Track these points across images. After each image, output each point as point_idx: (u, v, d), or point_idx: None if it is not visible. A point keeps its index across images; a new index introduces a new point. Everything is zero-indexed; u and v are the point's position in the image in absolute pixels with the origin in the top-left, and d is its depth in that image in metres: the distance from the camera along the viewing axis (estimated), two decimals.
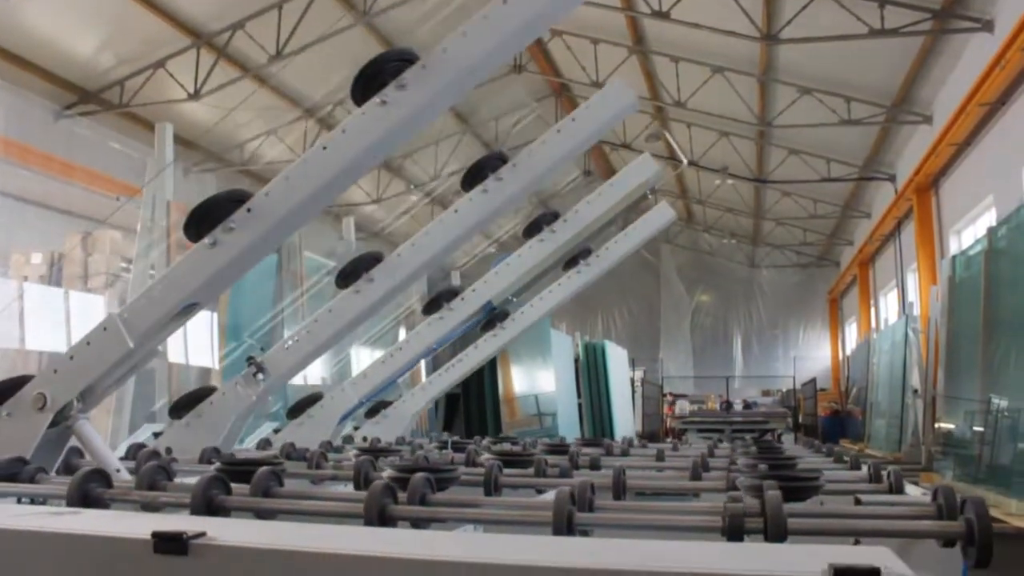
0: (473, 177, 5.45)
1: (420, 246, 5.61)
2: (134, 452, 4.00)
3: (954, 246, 17.16)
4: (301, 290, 6.60)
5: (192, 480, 2.65)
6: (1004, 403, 7.68)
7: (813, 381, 26.93)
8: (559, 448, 4.61)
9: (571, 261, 7.97)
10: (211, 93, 18.10)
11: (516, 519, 2.24)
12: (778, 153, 23.74)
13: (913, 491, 2.99)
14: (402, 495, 2.25)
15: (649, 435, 21.45)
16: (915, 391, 13.27)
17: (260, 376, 4.68)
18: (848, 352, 29.84)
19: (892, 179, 22.03)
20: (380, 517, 2.01)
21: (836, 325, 34.35)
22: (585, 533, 2.10)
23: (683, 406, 27.65)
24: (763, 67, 18.66)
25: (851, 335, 31.33)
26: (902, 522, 2.14)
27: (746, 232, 33.53)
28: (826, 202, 27.07)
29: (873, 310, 27.01)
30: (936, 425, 10.82)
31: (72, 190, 15.22)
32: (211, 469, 2.99)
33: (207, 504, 2.15)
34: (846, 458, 4.31)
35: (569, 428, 13.65)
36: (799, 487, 2.27)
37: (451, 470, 2.84)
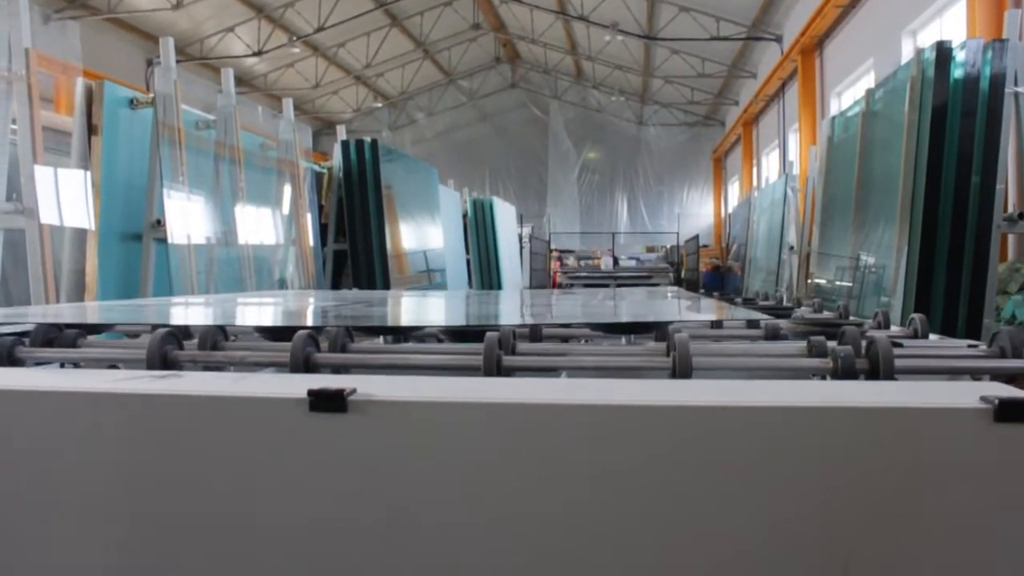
0: None
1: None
2: None
3: (834, 107, 17.60)
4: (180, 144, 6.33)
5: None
6: (871, 260, 8.04)
7: (696, 238, 27.59)
8: None
9: None
10: None
11: (634, 365, 2.11)
12: (668, 10, 23.61)
13: (933, 337, 2.97)
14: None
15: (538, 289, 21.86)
16: (791, 248, 13.73)
17: None
18: (730, 210, 30.62)
19: (779, 40, 22.25)
20: (497, 367, 2.01)
21: (719, 183, 35.14)
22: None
23: (607, 262, 28.20)
24: None
25: (733, 193, 32.14)
26: (998, 361, 2.14)
27: (635, 90, 33.57)
28: (714, 61, 27.22)
29: (755, 169, 27.67)
30: (808, 280, 11.30)
31: None
32: (251, 329, 2.76)
33: (305, 361, 2.11)
34: (835, 309, 3.95)
35: (458, 284, 13.76)
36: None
37: None
